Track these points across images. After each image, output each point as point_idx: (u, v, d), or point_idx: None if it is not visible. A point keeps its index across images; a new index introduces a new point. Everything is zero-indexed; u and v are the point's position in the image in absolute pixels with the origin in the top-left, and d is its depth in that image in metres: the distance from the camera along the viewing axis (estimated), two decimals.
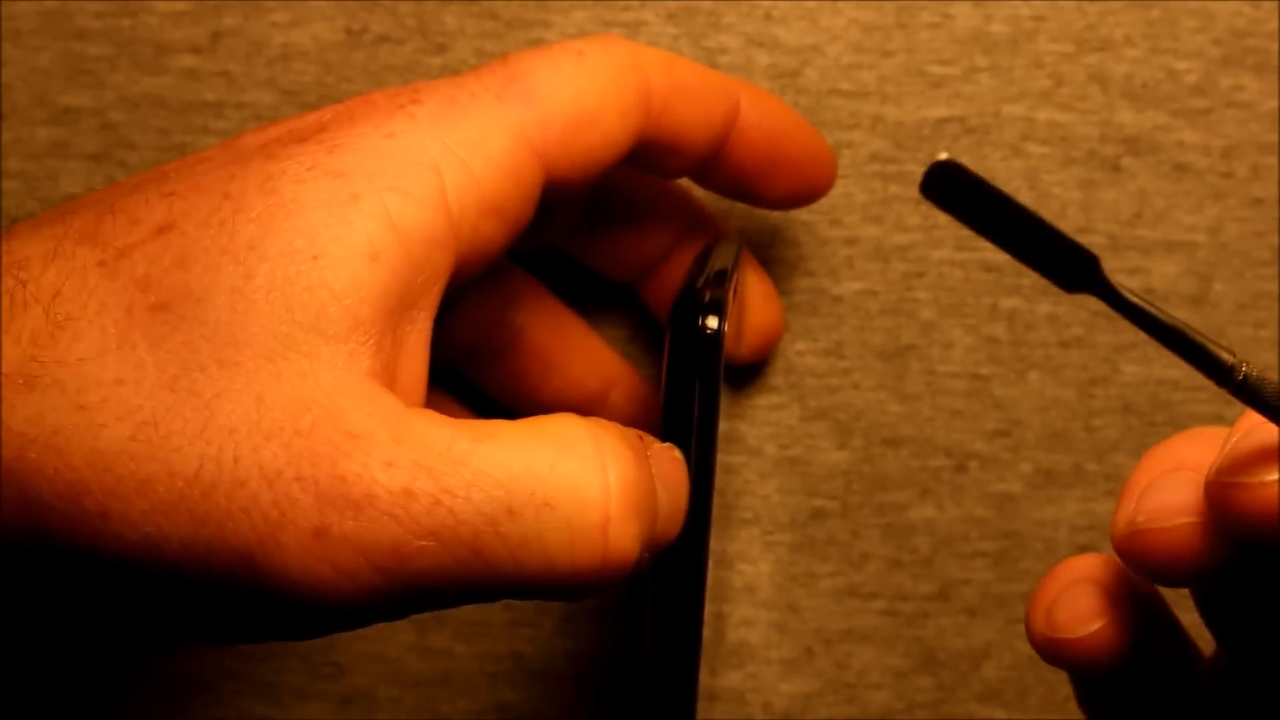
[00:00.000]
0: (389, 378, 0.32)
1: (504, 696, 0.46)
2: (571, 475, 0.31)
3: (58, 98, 0.45)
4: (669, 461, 0.35)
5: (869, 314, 0.45)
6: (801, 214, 0.45)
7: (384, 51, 0.45)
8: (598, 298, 0.45)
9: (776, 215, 0.45)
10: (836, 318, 0.45)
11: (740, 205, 0.45)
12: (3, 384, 0.30)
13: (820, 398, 0.46)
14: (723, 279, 0.37)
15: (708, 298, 0.36)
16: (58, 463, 0.30)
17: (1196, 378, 0.45)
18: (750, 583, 0.46)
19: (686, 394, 0.36)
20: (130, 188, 0.33)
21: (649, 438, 0.35)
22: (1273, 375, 0.29)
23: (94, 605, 0.32)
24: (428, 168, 0.33)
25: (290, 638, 0.32)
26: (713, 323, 0.36)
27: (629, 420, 0.41)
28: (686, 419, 0.36)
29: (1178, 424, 0.45)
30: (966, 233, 0.45)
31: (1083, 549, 0.45)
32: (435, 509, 0.30)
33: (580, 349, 0.44)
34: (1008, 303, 0.45)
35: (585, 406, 0.43)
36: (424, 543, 0.30)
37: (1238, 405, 0.45)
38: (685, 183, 0.43)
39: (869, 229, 0.45)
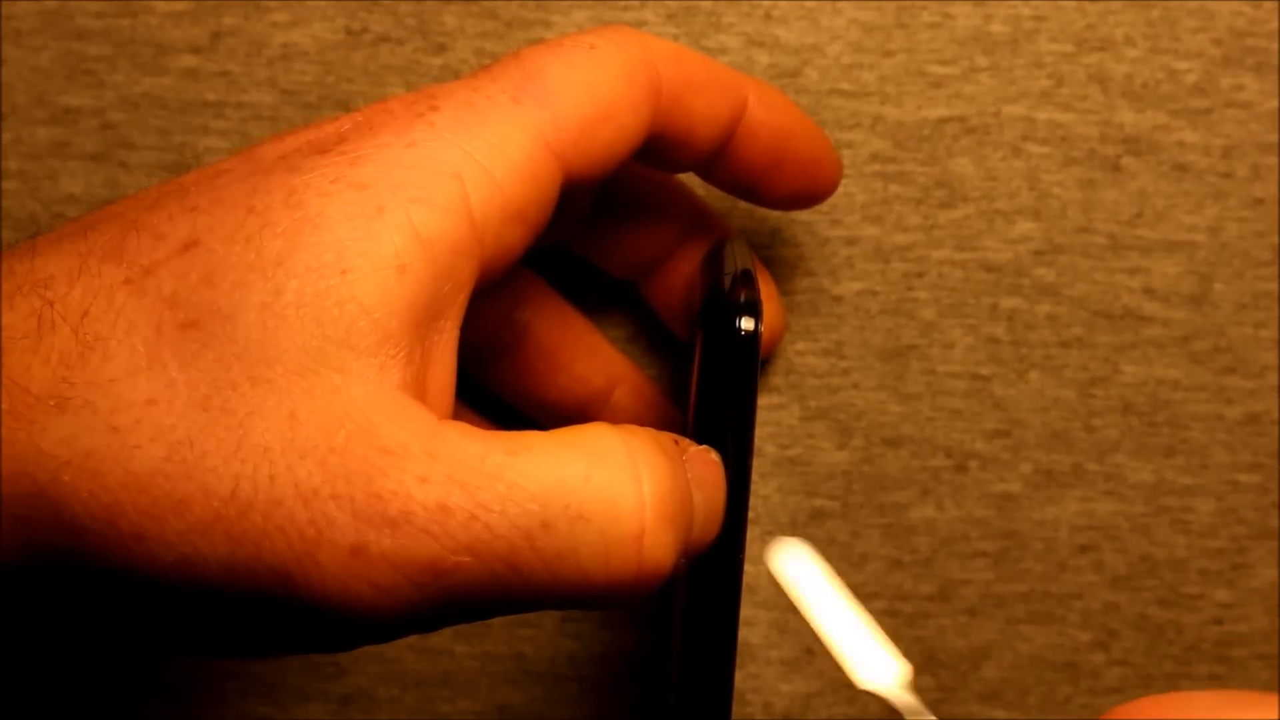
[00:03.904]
0: (419, 390, 0.32)
1: (505, 697, 0.46)
2: (605, 486, 0.31)
3: (58, 98, 0.45)
4: (705, 465, 0.35)
5: (869, 314, 0.45)
6: (801, 214, 0.45)
7: (384, 51, 0.45)
8: (599, 296, 0.45)
9: (777, 215, 0.45)
10: (836, 318, 0.46)
11: (741, 205, 0.45)
12: (34, 406, 0.30)
13: (820, 398, 0.46)
14: (750, 279, 0.37)
15: (743, 299, 0.36)
16: (92, 485, 0.29)
17: (1196, 377, 0.46)
18: (750, 583, 0.46)
19: (722, 397, 0.36)
20: (150, 202, 0.33)
21: (685, 441, 0.35)
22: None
23: (128, 624, 0.31)
24: (450, 176, 0.32)
25: (324, 651, 0.32)
26: (748, 324, 0.36)
27: (633, 418, 0.41)
28: (722, 422, 0.36)
29: (1177, 424, 0.45)
30: (967, 232, 0.45)
31: (1083, 549, 0.46)
32: (471, 524, 0.30)
33: (585, 347, 0.43)
34: (1008, 303, 0.45)
35: (590, 404, 0.43)
36: (461, 558, 0.30)
37: (1237, 404, 0.45)
38: (689, 182, 0.43)
39: (869, 229, 0.45)
